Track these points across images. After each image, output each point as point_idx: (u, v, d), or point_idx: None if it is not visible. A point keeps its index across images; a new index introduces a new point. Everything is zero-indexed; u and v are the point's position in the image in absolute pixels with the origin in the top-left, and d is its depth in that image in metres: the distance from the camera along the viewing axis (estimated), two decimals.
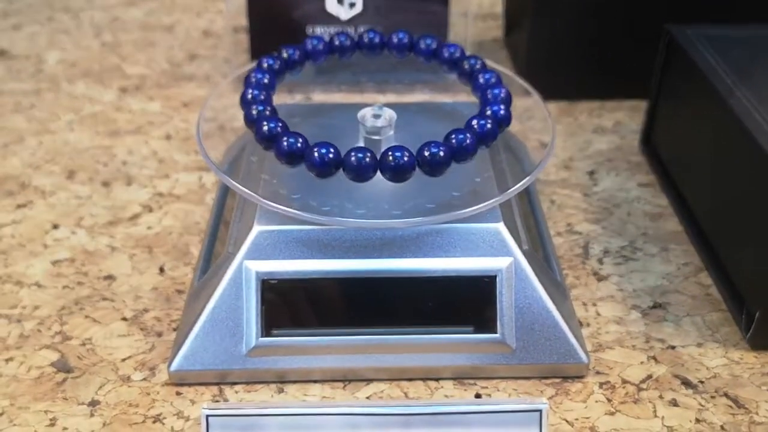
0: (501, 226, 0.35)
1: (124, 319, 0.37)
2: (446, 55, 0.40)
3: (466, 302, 0.35)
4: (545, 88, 0.54)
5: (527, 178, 0.35)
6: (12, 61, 0.59)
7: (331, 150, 0.33)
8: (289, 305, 0.34)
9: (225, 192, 0.43)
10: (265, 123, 0.34)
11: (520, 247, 0.35)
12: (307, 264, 0.34)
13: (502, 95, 0.37)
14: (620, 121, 0.52)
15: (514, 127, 0.39)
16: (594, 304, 0.39)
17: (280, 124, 0.34)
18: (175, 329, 0.37)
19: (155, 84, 0.56)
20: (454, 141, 0.34)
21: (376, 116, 0.37)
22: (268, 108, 0.35)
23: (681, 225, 0.43)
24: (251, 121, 0.34)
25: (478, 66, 0.39)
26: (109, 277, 0.40)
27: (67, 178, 0.47)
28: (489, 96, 0.37)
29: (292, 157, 0.33)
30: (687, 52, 0.43)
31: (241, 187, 0.34)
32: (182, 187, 0.46)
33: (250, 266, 0.34)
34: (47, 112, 0.53)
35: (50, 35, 0.63)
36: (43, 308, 0.38)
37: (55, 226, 0.43)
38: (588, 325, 0.37)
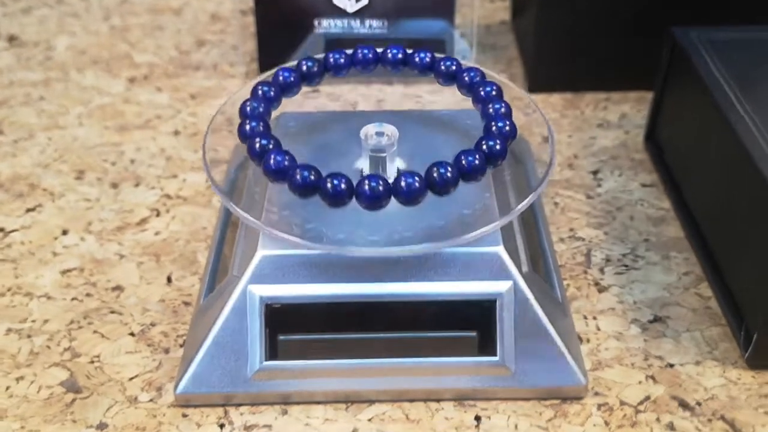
0: (501, 250, 0.35)
1: (132, 334, 0.38)
2: (443, 68, 0.40)
3: (466, 325, 0.35)
4: (551, 77, 0.54)
5: (527, 200, 0.35)
6: (22, 48, 0.59)
7: (344, 180, 0.33)
8: (293, 329, 0.35)
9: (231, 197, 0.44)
10: (272, 157, 0.34)
11: (519, 269, 0.35)
12: (309, 288, 0.35)
13: (503, 110, 0.37)
14: (626, 114, 0.52)
15: (518, 120, 0.38)
16: (594, 318, 0.39)
17: (287, 158, 0.34)
18: (181, 345, 0.38)
19: (163, 73, 0.56)
20: (464, 162, 0.34)
21: (379, 134, 0.37)
22: (271, 142, 0.34)
23: (683, 230, 0.43)
24: (255, 156, 0.34)
25: (477, 78, 0.39)
26: (117, 288, 0.41)
27: (76, 178, 0.47)
28: (491, 110, 0.37)
29: (306, 191, 0.33)
30: (690, 59, 0.43)
31: (246, 215, 0.34)
32: (189, 188, 0.46)
33: (254, 291, 0.35)
34: (56, 105, 0.53)
35: (60, 18, 0.63)
36: (52, 322, 0.39)
37: (65, 232, 0.44)
38: (588, 340, 0.38)
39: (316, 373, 0.35)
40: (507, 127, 0.36)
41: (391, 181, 0.34)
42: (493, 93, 0.38)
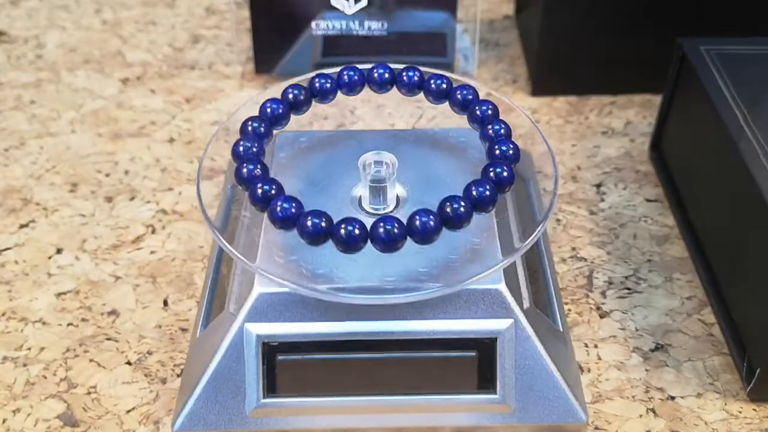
0: (502, 287, 0.34)
1: (129, 363, 0.38)
2: (433, 86, 0.38)
3: (467, 363, 0.35)
4: (555, 77, 0.52)
5: (531, 238, 0.34)
6: (11, 45, 0.58)
7: (358, 226, 0.32)
8: (291, 367, 0.35)
9: (228, 211, 0.43)
10: (278, 205, 0.33)
11: (521, 306, 0.35)
12: (307, 326, 0.34)
13: (503, 131, 0.36)
14: (631, 121, 0.51)
15: (520, 129, 0.37)
16: (595, 346, 0.39)
17: (294, 205, 0.33)
18: (179, 375, 0.37)
19: (157, 74, 0.55)
20: (475, 194, 0.33)
21: (378, 163, 0.36)
22: (274, 187, 0.33)
23: (687, 250, 0.43)
24: (258, 202, 0.33)
25: (470, 97, 0.38)
26: (113, 313, 0.40)
27: (70, 191, 0.46)
28: (491, 132, 0.36)
29: (317, 238, 0.32)
30: (698, 73, 0.42)
31: (243, 258, 0.34)
32: (185, 202, 0.46)
33: (251, 329, 0.34)
34: (48, 109, 0.52)
35: (49, 11, 0.61)
36: (48, 350, 0.38)
37: (59, 251, 0.43)
38: (588, 370, 0.38)
39: (315, 410, 0.35)
40: (511, 150, 0.36)
41: (394, 205, 0.34)
42: (489, 112, 0.37)
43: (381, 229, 0.32)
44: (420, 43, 0.55)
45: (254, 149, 0.34)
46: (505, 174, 0.34)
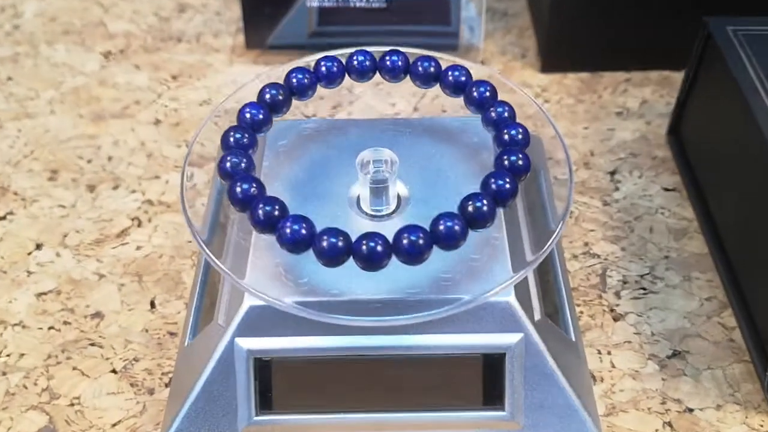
0: (512, 300, 0.32)
1: (114, 371, 0.36)
2: (420, 70, 0.36)
3: (473, 380, 0.32)
4: (566, 51, 0.49)
5: (544, 250, 0.32)
6: None
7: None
8: (285, 384, 0.32)
9: (218, 206, 0.40)
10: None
11: (531, 318, 0.32)
12: (302, 341, 0.32)
13: (521, 137, 0.33)
14: (647, 100, 0.48)
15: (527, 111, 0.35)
16: (609, 352, 0.36)
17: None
18: (167, 384, 0.35)
19: (141, 47, 0.51)
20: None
21: (377, 161, 0.34)
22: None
23: (706, 246, 0.40)
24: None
25: (487, 94, 0.35)
26: (97, 315, 0.38)
27: (50, 179, 0.44)
28: (506, 137, 0.33)
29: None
30: (723, 54, 0.39)
31: (229, 272, 0.31)
32: (172, 191, 0.43)
33: (241, 344, 0.32)
34: (26, 87, 0.49)
35: None
36: (28, 356, 0.36)
37: (38, 246, 0.41)
38: (601, 380, 0.35)
39: (311, 428, 0.33)
40: (520, 135, 0.33)
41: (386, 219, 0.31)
42: (487, 94, 0.34)
43: (405, 241, 0.29)
44: (422, 13, 0.51)
45: (245, 140, 0.31)
46: (520, 162, 0.32)
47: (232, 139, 0.32)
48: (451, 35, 0.52)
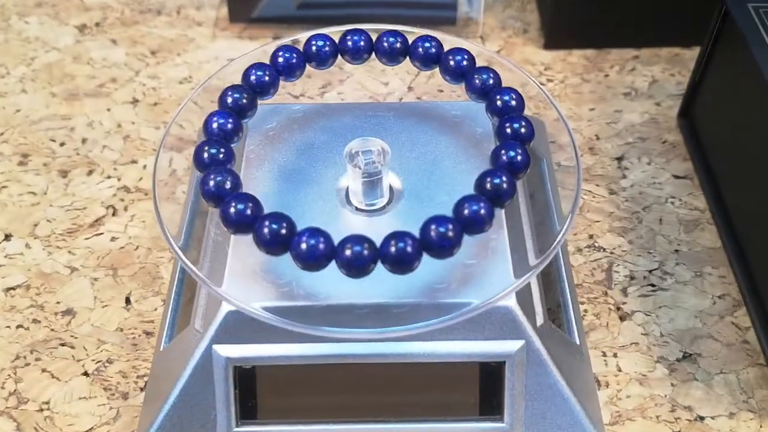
0: (513, 305, 0.29)
1: (86, 374, 0.33)
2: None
3: (469, 389, 0.30)
4: (571, 29, 0.46)
5: (548, 253, 0.29)
6: None
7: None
8: (267, 393, 0.30)
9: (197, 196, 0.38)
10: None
11: (534, 324, 0.30)
12: (285, 348, 0.29)
13: (524, 131, 0.30)
14: (657, 79, 0.45)
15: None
16: (615, 355, 0.34)
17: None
18: (142, 389, 0.33)
19: (118, 20, 0.48)
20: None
21: (367, 152, 0.31)
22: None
23: (719, 238, 0.38)
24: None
25: (490, 81, 0.32)
26: (68, 312, 0.35)
27: (20, 164, 0.41)
28: (508, 129, 0.31)
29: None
30: (743, 35, 0.36)
31: (206, 279, 0.28)
32: (150, 177, 0.40)
33: (220, 351, 0.29)
34: None
35: None
36: None
37: (7, 237, 0.38)
38: (607, 385, 0.33)
39: None
40: (523, 128, 0.30)
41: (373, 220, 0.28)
42: (513, 103, 0.31)
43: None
44: None
45: (229, 125, 0.29)
46: (519, 158, 0.29)
47: (215, 125, 0.29)
48: (448, 7, 0.49)
